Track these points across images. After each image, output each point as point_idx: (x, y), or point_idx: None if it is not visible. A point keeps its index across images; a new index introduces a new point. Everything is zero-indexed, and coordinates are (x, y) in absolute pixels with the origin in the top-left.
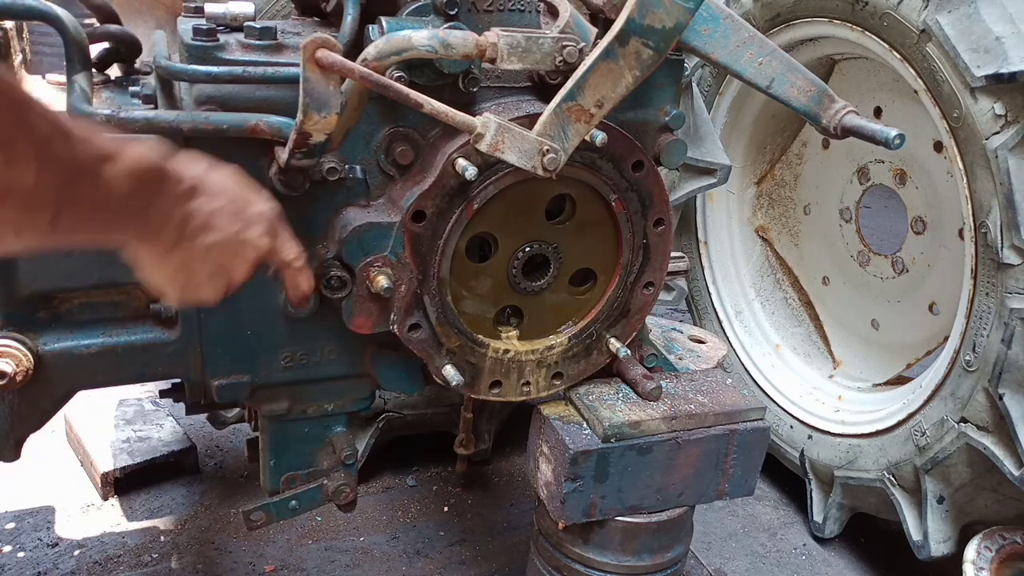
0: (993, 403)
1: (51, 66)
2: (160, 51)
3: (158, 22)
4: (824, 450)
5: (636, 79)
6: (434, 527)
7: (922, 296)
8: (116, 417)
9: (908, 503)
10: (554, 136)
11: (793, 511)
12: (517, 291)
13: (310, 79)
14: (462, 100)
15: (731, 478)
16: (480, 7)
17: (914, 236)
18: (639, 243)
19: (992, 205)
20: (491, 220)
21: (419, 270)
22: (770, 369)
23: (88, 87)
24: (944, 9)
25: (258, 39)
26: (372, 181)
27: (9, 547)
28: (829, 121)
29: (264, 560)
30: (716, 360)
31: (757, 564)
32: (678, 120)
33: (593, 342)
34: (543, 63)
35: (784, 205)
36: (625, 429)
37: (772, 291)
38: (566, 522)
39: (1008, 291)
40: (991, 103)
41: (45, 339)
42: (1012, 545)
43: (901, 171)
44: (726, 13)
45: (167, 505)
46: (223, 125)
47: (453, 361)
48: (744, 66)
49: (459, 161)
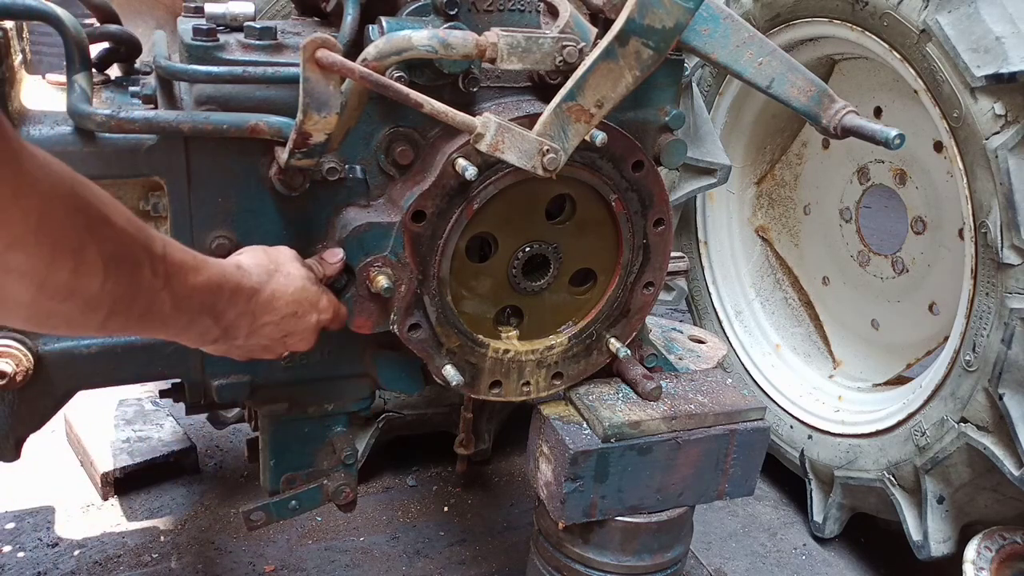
0: (993, 403)
1: (51, 66)
2: (160, 51)
3: (158, 22)
4: (824, 450)
5: (636, 79)
6: (434, 527)
7: (922, 296)
8: (116, 417)
9: (908, 503)
10: (554, 136)
11: (793, 511)
12: (517, 291)
13: (310, 79)
14: (462, 100)
15: (731, 478)
16: (480, 7)
17: (914, 236)
18: (639, 243)
19: (992, 205)
20: (491, 220)
21: (419, 270)
22: (770, 369)
23: (88, 87)
24: (944, 9)
25: (258, 39)
26: (372, 181)
27: (9, 547)
28: (829, 121)
29: (264, 560)
30: (716, 360)
31: (757, 564)
32: (678, 120)
33: (593, 342)
34: (543, 63)
35: (784, 205)
36: (625, 429)
37: (772, 291)
38: (566, 522)
39: (1008, 291)
40: (991, 103)
41: (45, 339)
42: (1012, 545)
43: (901, 171)
44: (726, 13)
45: (167, 505)
46: (223, 125)
47: (453, 361)
48: (744, 66)
49: (459, 161)
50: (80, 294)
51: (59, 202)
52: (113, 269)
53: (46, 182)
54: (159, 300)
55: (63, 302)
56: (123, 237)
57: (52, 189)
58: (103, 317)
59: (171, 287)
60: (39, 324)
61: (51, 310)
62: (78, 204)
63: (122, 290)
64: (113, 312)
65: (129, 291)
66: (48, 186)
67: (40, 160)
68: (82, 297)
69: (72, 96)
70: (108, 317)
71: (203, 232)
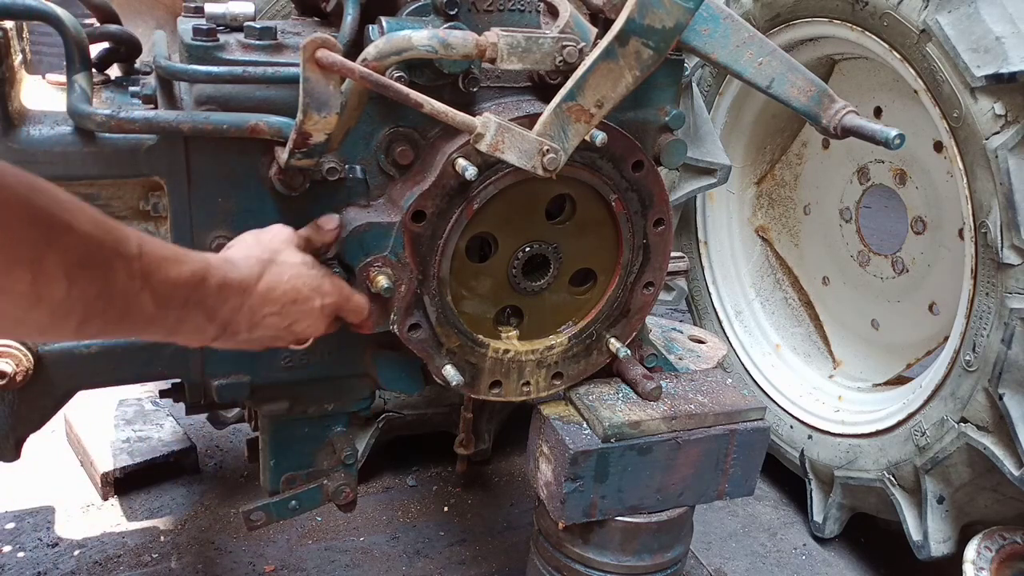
0: (993, 403)
1: (51, 66)
2: (160, 51)
3: (158, 22)
4: (824, 450)
5: (636, 79)
6: (434, 527)
7: (922, 296)
8: (116, 417)
9: (908, 503)
10: (554, 136)
11: (793, 511)
12: (517, 291)
13: (310, 79)
14: (462, 100)
15: (731, 478)
16: (480, 7)
17: (914, 236)
18: (639, 243)
19: (992, 205)
20: (491, 220)
21: (419, 270)
22: (770, 369)
23: (88, 87)
24: (944, 9)
25: (258, 39)
26: (372, 181)
27: (9, 547)
28: (829, 121)
29: (264, 560)
30: (716, 360)
31: (757, 564)
32: (678, 120)
33: (593, 342)
34: (543, 63)
35: (784, 205)
36: (625, 429)
37: (772, 291)
38: (566, 522)
39: (1008, 291)
40: (991, 103)
41: None
42: (1012, 545)
43: (901, 171)
44: (726, 13)
45: (167, 505)
46: (223, 125)
47: (453, 361)
48: (744, 66)
49: (459, 161)
50: (46, 302)
51: (10, 214)
52: (78, 275)
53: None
54: (139, 301)
55: (30, 310)
56: (88, 242)
57: (3, 202)
58: (76, 323)
59: (151, 285)
60: (12, 332)
61: (19, 318)
62: (33, 214)
63: (93, 295)
64: (87, 317)
65: (102, 295)
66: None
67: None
68: (48, 305)
69: (72, 96)
70: (83, 322)
71: (203, 232)
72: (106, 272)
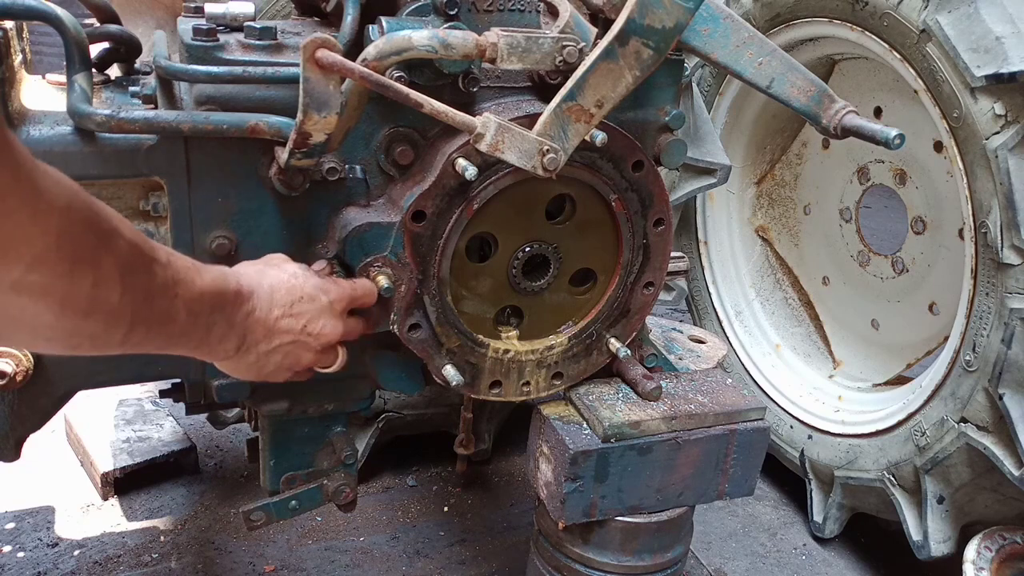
0: (993, 403)
1: (51, 66)
2: (160, 51)
3: (158, 22)
4: (824, 450)
5: (636, 79)
6: (434, 527)
7: (922, 296)
8: (116, 417)
9: (908, 503)
10: (554, 136)
11: (793, 511)
12: (517, 291)
13: (310, 79)
14: (462, 100)
15: (731, 478)
16: (480, 7)
17: (914, 236)
18: (639, 243)
19: (992, 205)
20: (491, 220)
21: (419, 270)
22: (770, 369)
23: (88, 87)
24: (944, 9)
25: (258, 39)
26: (372, 181)
27: (9, 547)
28: (829, 121)
29: (264, 560)
30: (716, 360)
31: (757, 564)
32: (678, 120)
33: (593, 342)
34: (543, 63)
35: (784, 205)
36: (625, 429)
37: (772, 291)
38: (566, 522)
39: (1008, 291)
40: (991, 103)
41: None
42: (1012, 545)
43: (901, 171)
44: (726, 13)
45: (167, 505)
46: (223, 125)
47: (453, 361)
48: (744, 66)
49: (459, 161)
50: (101, 307)
51: (76, 216)
52: (129, 279)
53: (63, 198)
54: (174, 308)
55: (86, 318)
56: (132, 248)
57: (68, 205)
58: (125, 330)
59: (180, 293)
60: (63, 343)
61: (74, 327)
62: (91, 218)
63: (140, 300)
64: (134, 324)
65: (146, 300)
66: (65, 202)
67: (53, 177)
68: (103, 310)
69: (72, 96)
70: (130, 329)
71: (203, 232)
72: (149, 278)
